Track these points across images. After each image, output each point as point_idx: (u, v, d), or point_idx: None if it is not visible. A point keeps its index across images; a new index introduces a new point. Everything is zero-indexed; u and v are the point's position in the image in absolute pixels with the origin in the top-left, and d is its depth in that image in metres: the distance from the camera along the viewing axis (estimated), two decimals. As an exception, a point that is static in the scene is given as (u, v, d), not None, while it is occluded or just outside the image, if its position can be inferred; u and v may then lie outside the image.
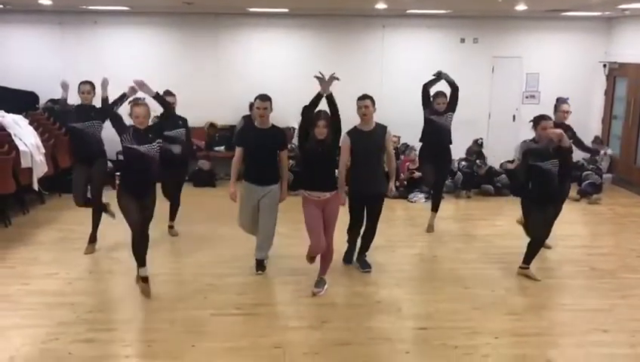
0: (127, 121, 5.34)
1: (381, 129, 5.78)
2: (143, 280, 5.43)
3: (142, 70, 10.52)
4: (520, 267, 5.99)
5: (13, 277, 5.89)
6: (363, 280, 5.82)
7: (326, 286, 5.51)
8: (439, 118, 7.06)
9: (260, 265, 6.04)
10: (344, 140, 5.64)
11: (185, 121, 7.02)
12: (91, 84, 6.48)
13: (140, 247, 5.39)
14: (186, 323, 4.93)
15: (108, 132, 6.07)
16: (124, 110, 5.55)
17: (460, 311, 5.22)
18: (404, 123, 9.37)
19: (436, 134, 7.12)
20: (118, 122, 5.38)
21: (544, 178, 5.64)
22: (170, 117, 6.43)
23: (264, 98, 5.68)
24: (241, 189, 5.84)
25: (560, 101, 6.61)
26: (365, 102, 5.69)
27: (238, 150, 5.82)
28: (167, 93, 6.67)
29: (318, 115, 5.17)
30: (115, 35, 10.62)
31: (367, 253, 6.20)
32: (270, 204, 5.79)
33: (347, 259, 6.27)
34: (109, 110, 5.93)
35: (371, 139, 5.72)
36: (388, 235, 7.03)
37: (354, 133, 5.77)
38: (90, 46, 10.58)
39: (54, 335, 4.67)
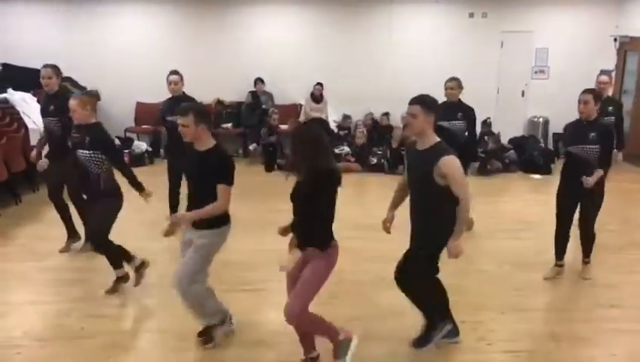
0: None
1: (435, 152, 3.76)
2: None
3: (147, 47, 10.58)
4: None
5: (25, 254, 5.98)
6: (368, 256, 5.80)
7: None
8: (450, 124, 6.32)
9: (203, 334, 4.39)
10: None
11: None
12: (53, 67, 5.71)
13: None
14: (195, 299, 4.98)
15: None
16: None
17: (466, 287, 5.24)
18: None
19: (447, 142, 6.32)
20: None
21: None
22: (176, 98, 6.20)
23: (180, 112, 3.88)
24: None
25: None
26: (413, 108, 3.79)
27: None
28: (173, 72, 6.40)
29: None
30: (120, 12, 10.56)
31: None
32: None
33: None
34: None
35: (421, 163, 3.84)
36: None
37: (409, 148, 4.07)
38: (95, 23, 10.55)
39: (67, 311, 4.74)
